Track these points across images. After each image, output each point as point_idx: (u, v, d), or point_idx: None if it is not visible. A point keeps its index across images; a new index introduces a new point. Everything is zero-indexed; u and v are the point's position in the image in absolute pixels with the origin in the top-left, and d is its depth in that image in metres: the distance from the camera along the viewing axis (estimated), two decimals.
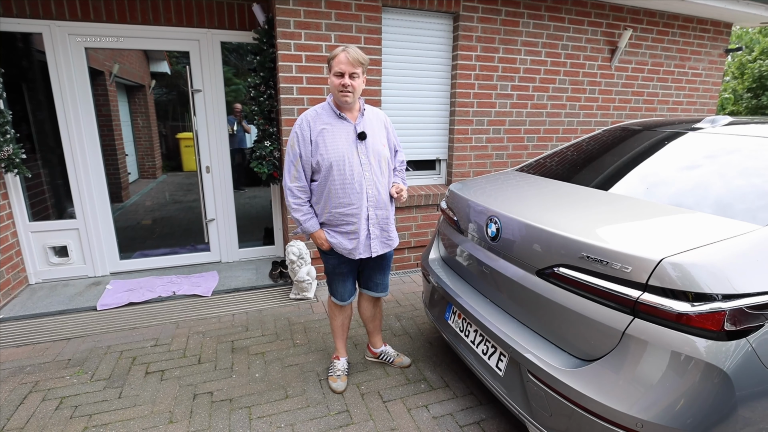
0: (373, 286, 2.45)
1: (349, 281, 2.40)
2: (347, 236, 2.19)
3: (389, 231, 2.29)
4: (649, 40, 4.67)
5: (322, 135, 2.08)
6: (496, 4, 3.91)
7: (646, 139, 2.27)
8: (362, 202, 2.14)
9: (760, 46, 10.68)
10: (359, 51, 2.04)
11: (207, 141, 4.00)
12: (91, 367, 2.60)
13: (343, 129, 2.12)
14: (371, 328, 2.64)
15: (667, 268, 1.30)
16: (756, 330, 1.27)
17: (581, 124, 4.64)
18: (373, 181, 2.15)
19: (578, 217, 1.72)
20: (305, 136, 2.09)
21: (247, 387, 2.44)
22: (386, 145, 2.24)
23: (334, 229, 2.20)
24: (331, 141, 2.08)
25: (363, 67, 2.06)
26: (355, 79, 2.03)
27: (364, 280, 2.46)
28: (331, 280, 2.40)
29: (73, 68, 3.52)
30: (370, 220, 2.19)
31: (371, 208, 2.17)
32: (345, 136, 2.11)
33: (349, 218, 2.15)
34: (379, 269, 2.41)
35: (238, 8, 3.77)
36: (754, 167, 1.69)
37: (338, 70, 2.01)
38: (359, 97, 2.16)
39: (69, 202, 3.81)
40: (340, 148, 2.08)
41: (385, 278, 2.46)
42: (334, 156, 2.07)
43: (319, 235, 2.22)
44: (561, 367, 1.54)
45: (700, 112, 5.29)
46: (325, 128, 2.09)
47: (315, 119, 2.11)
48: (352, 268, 2.35)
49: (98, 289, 3.66)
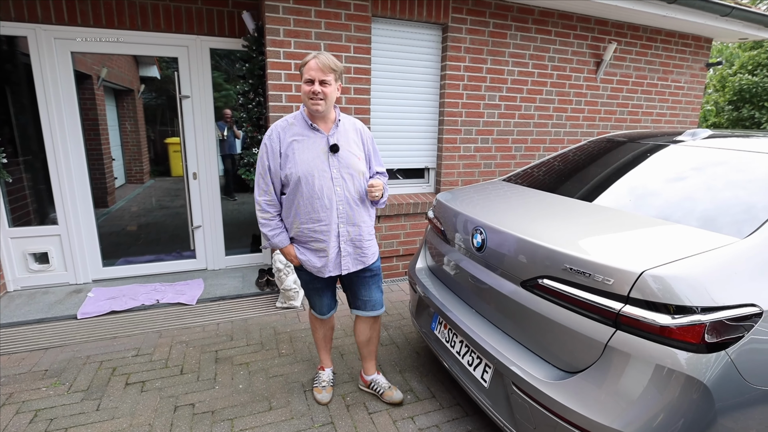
0: (361, 304, 2.27)
1: (326, 296, 2.29)
2: (316, 254, 2.08)
3: (363, 248, 2.15)
4: (633, 54, 4.77)
5: (291, 147, 1.97)
6: (485, 17, 3.96)
7: (630, 151, 2.30)
8: (332, 218, 2.02)
9: (739, 61, 10.97)
10: (331, 57, 1.94)
11: (194, 147, 3.97)
12: (69, 378, 2.53)
13: (315, 141, 2.00)
14: (365, 353, 2.44)
15: (648, 280, 1.31)
16: (735, 342, 1.28)
17: (568, 134, 4.70)
18: (345, 197, 2.03)
19: (562, 229, 1.73)
20: (274, 149, 1.98)
21: (230, 398, 2.39)
22: (362, 158, 2.11)
23: (304, 245, 2.10)
24: (301, 154, 1.96)
25: (335, 74, 1.94)
26: (326, 86, 1.91)
27: (352, 299, 2.30)
28: (308, 294, 2.30)
29: (59, 72, 3.47)
30: (341, 237, 2.07)
31: (342, 224, 2.06)
32: (316, 148, 1.99)
33: (318, 235, 2.04)
34: (364, 285, 2.23)
35: (228, 15, 3.76)
36: (733, 180, 1.73)
37: (308, 77, 1.90)
38: (334, 106, 2.05)
39: (51, 208, 3.74)
40: (309, 161, 1.96)
41: (372, 294, 2.26)
42: (302, 169, 1.95)
43: (288, 251, 2.12)
44: (545, 379, 1.54)
45: (683, 123, 5.40)
46: (295, 140, 1.98)
47: (285, 130, 2.00)
48: (328, 283, 2.25)
49: (79, 297, 3.59)
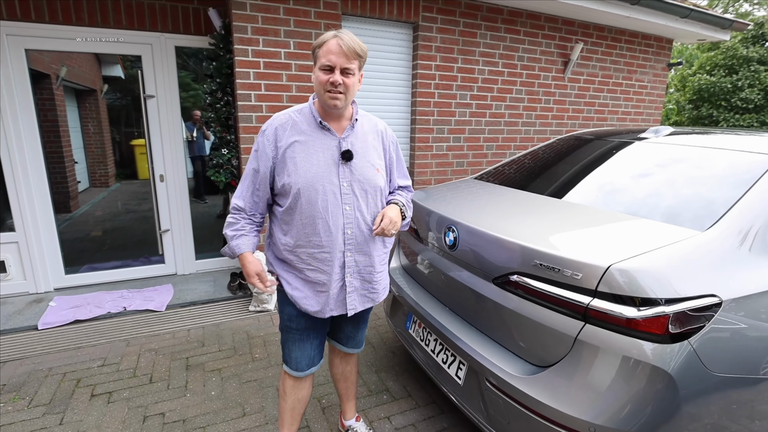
0: (343, 338, 1.91)
1: (311, 343, 1.76)
2: (314, 287, 1.63)
3: (373, 281, 1.71)
4: (599, 54, 4.90)
5: (292, 150, 1.53)
6: (455, 16, 3.99)
7: (597, 148, 2.36)
8: (335, 244, 1.58)
9: (698, 61, 11.46)
10: (357, 39, 1.48)
11: (161, 149, 3.85)
12: (30, 392, 2.41)
13: (324, 144, 1.56)
14: (341, 390, 2.06)
15: (615, 274, 1.34)
16: (697, 332, 1.32)
17: (537, 132, 4.79)
18: (356, 219, 1.59)
19: (533, 225, 1.76)
20: (266, 150, 1.56)
21: (202, 406, 2.33)
22: (381, 170, 1.67)
23: (298, 273, 1.64)
24: (304, 160, 1.53)
25: (360, 62, 1.50)
26: (348, 76, 1.48)
27: (333, 330, 1.91)
28: (285, 338, 1.76)
29: (12, 71, 3.30)
30: (347, 269, 1.63)
31: (350, 252, 1.61)
32: (324, 153, 1.56)
33: (318, 264, 1.59)
34: (352, 321, 1.85)
35: (193, 12, 3.66)
36: (694, 176, 1.79)
37: (326, 63, 1.45)
38: (353, 101, 1.61)
39: (8, 214, 3.55)
40: (312, 170, 1.53)
41: (359, 332, 1.92)
42: (303, 180, 1.51)
43: (246, 261, 1.62)
44: (517, 374, 1.56)
45: (647, 121, 5.59)
46: (298, 141, 1.54)
47: (286, 127, 1.56)
48: (320, 325, 1.76)
49: (40, 307, 3.42)
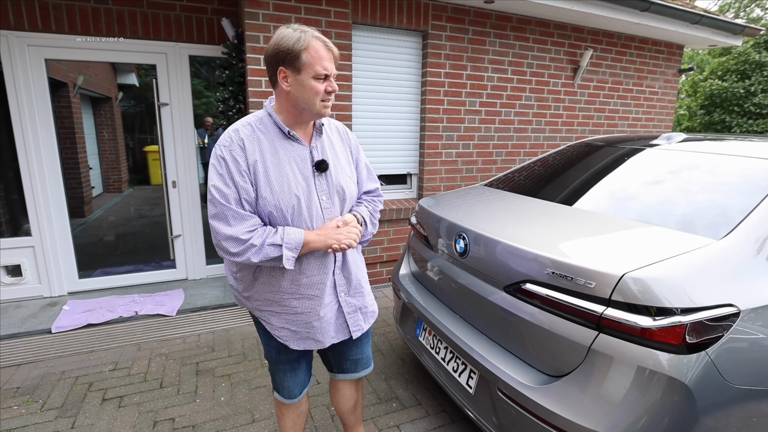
0: (351, 365, 1.70)
1: (301, 369, 1.66)
2: (304, 317, 1.47)
3: (365, 294, 1.61)
4: (608, 60, 4.88)
5: (263, 165, 1.34)
6: (464, 24, 4.01)
7: (608, 155, 2.34)
8: (325, 264, 1.47)
9: (710, 67, 11.36)
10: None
11: (174, 155, 3.90)
12: (42, 395, 2.44)
13: (294, 155, 1.40)
14: (351, 421, 1.84)
15: (629, 283, 1.33)
16: (714, 342, 1.30)
17: (547, 139, 4.77)
18: None
19: (544, 233, 1.75)
20: (239, 165, 1.31)
21: (212, 412, 2.33)
22: (353, 177, 1.57)
23: (283, 308, 1.46)
24: (277, 176, 1.35)
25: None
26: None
27: (336, 361, 1.71)
28: (274, 370, 1.64)
29: (32, 80, 3.38)
30: (339, 287, 1.52)
31: (338, 270, 1.51)
32: (296, 166, 1.39)
33: (307, 290, 1.45)
34: (357, 342, 1.67)
35: (207, 22, 3.72)
36: (709, 183, 1.77)
37: (322, 72, 1.32)
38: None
39: (25, 219, 3.61)
40: (291, 186, 1.36)
41: (364, 348, 1.72)
42: (279, 199, 1.35)
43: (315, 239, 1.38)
44: (530, 383, 1.54)
45: (658, 128, 5.54)
46: (265, 155, 1.35)
47: (253, 140, 1.35)
48: (304, 354, 1.65)
49: (54, 310, 3.47)
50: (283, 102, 1.40)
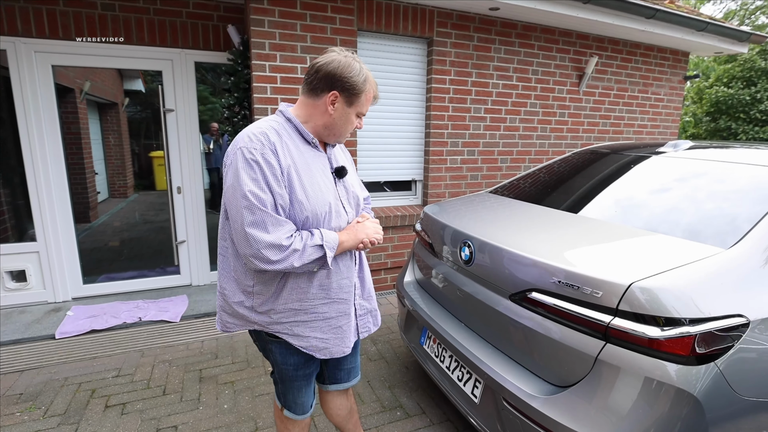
0: (344, 375, 1.71)
1: (313, 382, 1.65)
2: (335, 322, 1.47)
3: (374, 297, 1.66)
4: (614, 67, 4.88)
5: (296, 170, 1.32)
6: (469, 31, 4.02)
7: (613, 163, 2.33)
8: (351, 266, 1.50)
9: (715, 74, 11.32)
10: None
11: (179, 161, 3.91)
12: (45, 402, 2.43)
13: (318, 162, 1.42)
14: (349, 428, 1.82)
15: (637, 292, 1.31)
16: (723, 353, 1.28)
17: (552, 146, 4.76)
18: None
19: (550, 241, 1.73)
20: (273, 170, 1.27)
21: (215, 419, 2.32)
22: (359, 184, 1.65)
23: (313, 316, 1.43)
24: (310, 181, 1.35)
25: None
26: None
27: (330, 372, 1.69)
28: (288, 387, 1.58)
29: (39, 85, 3.41)
30: (356, 290, 1.54)
31: (356, 273, 1.55)
32: (322, 173, 1.41)
33: (337, 293, 1.45)
34: (352, 350, 1.68)
35: (213, 29, 3.75)
36: (716, 191, 1.75)
37: (365, 111, 1.44)
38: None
39: (30, 224, 3.63)
40: (323, 192, 1.37)
41: (358, 358, 1.77)
42: (319, 206, 1.35)
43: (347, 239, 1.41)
44: (535, 394, 1.52)
45: (663, 135, 5.52)
46: (296, 160, 1.34)
47: (280, 143, 1.32)
48: (318, 363, 1.62)
49: (58, 316, 3.47)
50: (315, 116, 1.40)
